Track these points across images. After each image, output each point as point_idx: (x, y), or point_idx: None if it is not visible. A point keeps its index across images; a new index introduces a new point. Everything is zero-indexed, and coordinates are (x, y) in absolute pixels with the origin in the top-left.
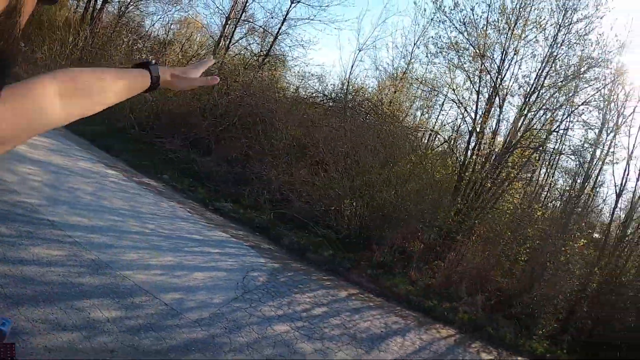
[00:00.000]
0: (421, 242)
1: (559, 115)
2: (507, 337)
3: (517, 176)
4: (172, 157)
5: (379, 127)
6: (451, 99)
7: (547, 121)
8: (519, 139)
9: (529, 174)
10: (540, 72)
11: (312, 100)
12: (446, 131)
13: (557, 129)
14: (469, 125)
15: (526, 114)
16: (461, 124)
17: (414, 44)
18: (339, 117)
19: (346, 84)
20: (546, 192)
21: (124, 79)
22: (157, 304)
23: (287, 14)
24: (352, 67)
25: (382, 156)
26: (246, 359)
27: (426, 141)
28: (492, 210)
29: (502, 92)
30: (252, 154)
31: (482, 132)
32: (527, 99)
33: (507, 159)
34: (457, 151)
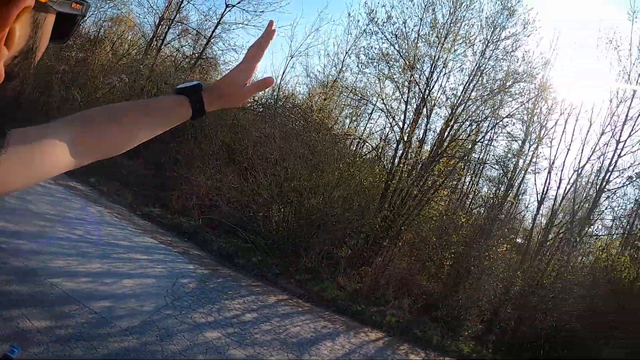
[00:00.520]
0: (349, 248)
1: (484, 126)
2: (434, 339)
3: (443, 184)
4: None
5: (307, 134)
6: (380, 108)
7: (473, 132)
8: (445, 148)
9: (454, 182)
10: (467, 85)
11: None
12: (374, 139)
13: (482, 140)
14: (397, 134)
15: (452, 124)
16: (389, 133)
17: (346, 53)
18: (269, 122)
19: (277, 90)
20: (471, 200)
21: (153, 116)
22: (87, 313)
23: (222, 17)
24: (283, 73)
25: (310, 163)
26: None
27: (354, 149)
28: (418, 216)
29: (430, 103)
30: (180, 159)
31: (410, 141)
32: (454, 110)
33: (433, 167)
34: (384, 159)
